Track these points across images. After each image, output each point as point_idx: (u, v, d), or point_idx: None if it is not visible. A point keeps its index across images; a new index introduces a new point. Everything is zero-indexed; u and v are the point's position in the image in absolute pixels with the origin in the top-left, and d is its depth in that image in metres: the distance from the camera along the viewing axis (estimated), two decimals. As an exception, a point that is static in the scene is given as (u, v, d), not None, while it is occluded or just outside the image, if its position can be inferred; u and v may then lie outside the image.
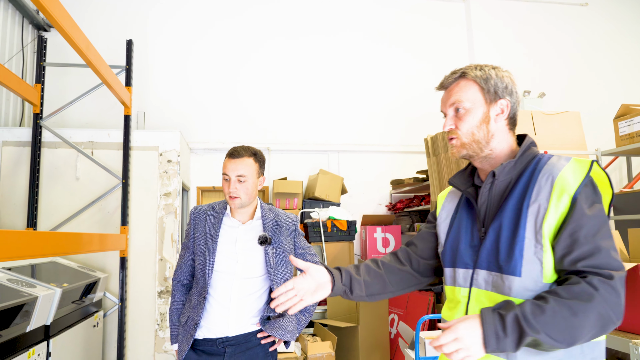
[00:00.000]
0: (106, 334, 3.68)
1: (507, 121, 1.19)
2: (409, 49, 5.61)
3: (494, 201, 1.16)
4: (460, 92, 1.20)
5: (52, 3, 2.28)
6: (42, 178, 3.72)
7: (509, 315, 0.97)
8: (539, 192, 1.08)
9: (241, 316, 1.75)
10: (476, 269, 1.15)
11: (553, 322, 0.94)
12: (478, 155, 1.19)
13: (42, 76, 3.74)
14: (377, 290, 1.30)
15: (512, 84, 1.21)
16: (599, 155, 3.09)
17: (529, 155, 1.16)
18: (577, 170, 1.07)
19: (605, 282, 0.96)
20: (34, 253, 1.98)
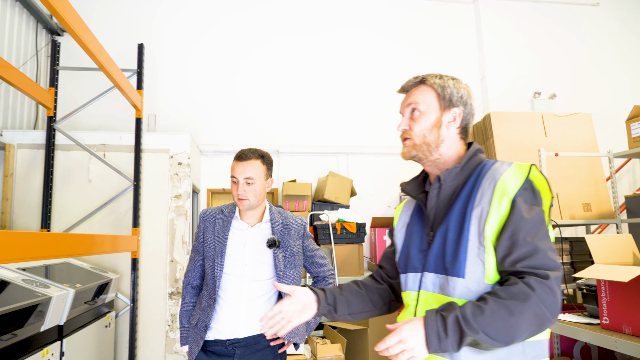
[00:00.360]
0: (118, 335, 3.72)
1: (458, 130, 1.24)
2: (419, 50, 5.60)
3: (442, 206, 1.20)
4: (418, 95, 1.26)
5: (65, 8, 2.32)
6: (56, 180, 3.78)
7: (450, 317, 1.00)
8: (482, 196, 1.11)
9: (251, 318, 1.76)
10: (424, 272, 1.18)
11: (491, 322, 0.98)
12: (427, 158, 1.23)
13: (55, 80, 3.80)
14: (359, 309, 1.35)
15: (467, 96, 1.26)
16: (611, 157, 3.06)
17: (474, 162, 1.21)
18: (517, 174, 1.11)
19: (542, 282, 1.00)
20: (48, 254, 2.01)
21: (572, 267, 2.89)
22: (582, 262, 2.90)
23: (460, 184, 1.19)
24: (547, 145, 3.07)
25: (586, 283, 2.59)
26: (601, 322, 2.34)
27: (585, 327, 2.40)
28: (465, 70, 5.63)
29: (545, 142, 3.10)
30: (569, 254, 2.89)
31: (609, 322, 2.29)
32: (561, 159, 3.06)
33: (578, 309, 2.78)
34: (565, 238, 2.88)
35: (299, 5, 5.45)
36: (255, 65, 5.27)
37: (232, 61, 5.23)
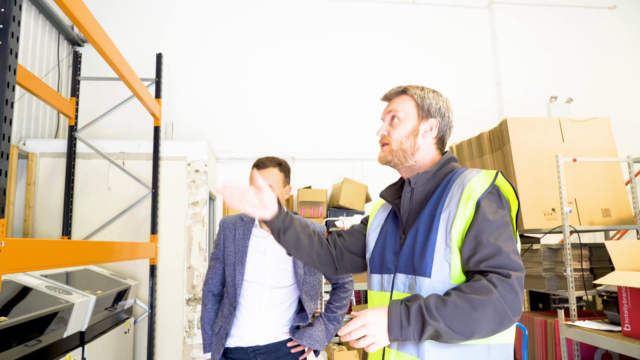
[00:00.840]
0: (136, 341, 3.77)
1: (434, 140, 1.31)
2: (434, 55, 5.61)
3: (414, 210, 1.26)
4: (398, 104, 1.33)
5: (88, 20, 2.38)
6: (76, 188, 3.86)
7: (414, 306, 1.03)
8: (451, 200, 1.17)
9: (271, 325, 1.78)
10: (396, 273, 1.22)
11: (453, 314, 1.01)
12: (402, 164, 1.30)
13: (77, 90, 3.89)
14: (303, 249, 1.39)
15: (446, 109, 1.32)
16: (630, 162, 3.02)
17: (447, 169, 1.26)
18: (484, 180, 1.17)
19: (504, 280, 1.04)
20: (69, 262, 2.06)
21: (591, 273, 2.85)
22: (602, 269, 2.86)
23: (432, 189, 1.25)
24: (565, 151, 3.05)
25: (606, 289, 2.56)
26: (622, 329, 2.31)
27: (606, 334, 2.37)
28: (481, 75, 5.61)
29: (563, 148, 3.07)
30: (588, 260, 2.85)
31: (630, 329, 2.26)
32: (579, 164, 3.03)
33: (598, 316, 2.74)
34: (585, 244, 2.85)
35: (309, 16, 5.50)
36: (270, 72, 5.32)
37: (247, 69, 5.29)
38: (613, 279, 2.27)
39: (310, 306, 1.81)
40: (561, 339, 2.69)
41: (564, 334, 2.66)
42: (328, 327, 1.87)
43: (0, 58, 1.58)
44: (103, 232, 3.82)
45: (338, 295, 1.95)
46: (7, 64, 1.60)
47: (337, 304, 1.93)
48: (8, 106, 1.61)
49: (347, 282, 1.95)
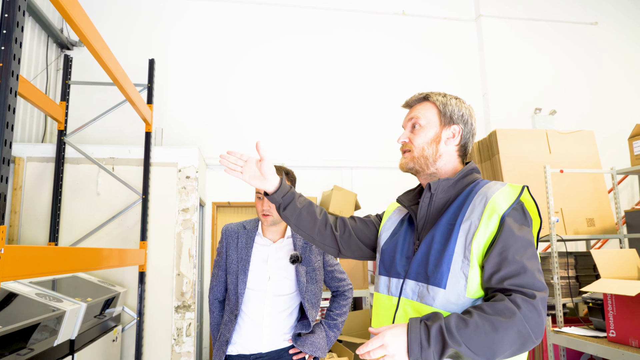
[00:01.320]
0: (123, 349, 3.72)
1: (457, 147, 1.28)
2: (422, 66, 5.71)
3: (432, 217, 1.23)
4: (420, 110, 1.31)
5: (86, 25, 2.37)
6: (64, 193, 3.80)
7: (434, 327, 1.01)
8: (473, 211, 1.14)
9: (274, 332, 1.80)
10: (406, 279, 1.20)
11: (475, 336, 0.98)
12: (424, 171, 1.28)
13: (67, 94, 3.84)
14: (304, 227, 1.40)
15: (469, 116, 1.30)
16: (614, 174, 3.13)
17: (468, 179, 1.24)
18: (509, 194, 1.14)
19: (528, 301, 1.01)
20: (68, 269, 2.04)
21: (577, 280, 2.94)
22: (587, 276, 2.95)
23: (452, 197, 1.22)
24: (551, 162, 3.14)
25: (592, 297, 2.64)
26: (608, 335, 2.39)
27: (592, 340, 2.45)
28: (468, 85, 5.73)
29: (549, 159, 3.17)
30: (574, 268, 2.94)
31: (615, 335, 2.34)
32: (565, 175, 3.13)
33: (584, 322, 2.82)
34: (570, 252, 2.94)
35: (300, 24, 5.56)
36: (260, 79, 5.35)
37: (237, 76, 5.30)
38: (599, 287, 2.35)
39: (312, 314, 1.84)
40: (549, 345, 2.76)
41: (551, 340, 2.73)
42: (329, 334, 1.89)
43: (4, 64, 1.58)
44: (91, 239, 3.77)
45: (338, 302, 1.97)
46: (10, 69, 1.60)
47: (337, 311, 1.95)
48: (10, 112, 1.61)
49: (347, 290, 1.98)
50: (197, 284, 4.15)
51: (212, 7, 5.40)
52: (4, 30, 1.58)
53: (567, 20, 6.01)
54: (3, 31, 1.57)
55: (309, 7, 5.58)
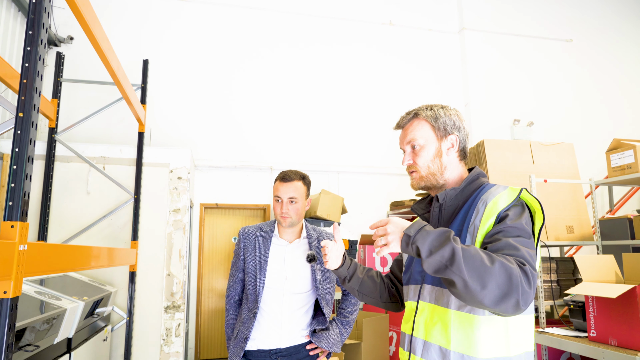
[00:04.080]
0: (112, 349, 3.70)
1: (457, 154, 1.33)
2: (410, 74, 5.89)
3: (443, 224, 1.29)
4: (414, 130, 1.34)
5: (93, 23, 2.39)
6: (54, 191, 3.76)
7: (442, 229, 1.06)
8: (476, 215, 1.20)
9: (292, 329, 1.88)
10: (423, 284, 1.26)
11: (472, 254, 1.00)
12: (435, 186, 1.32)
13: (58, 91, 3.81)
14: (367, 292, 1.50)
15: (459, 120, 1.34)
16: (592, 184, 3.34)
17: (475, 185, 1.29)
18: (508, 195, 1.19)
19: (523, 267, 1.02)
20: (76, 266, 2.05)
21: (558, 284, 3.12)
22: (567, 280, 3.14)
23: (460, 204, 1.27)
24: (535, 172, 3.33)
25: (573, 299, 2.82)
26: (589, 335, 2.56)
27: (574, 340, 2.61)
28: (451, 95, 5.94)
29: (533, 169, 3.36)
30: (555, 272, 3.12)
31: (596, 334, 2.51)
32: (547, 184, 3.32)
33: (565, 323, 3.00)
34: (552, 258, 3.12)
35: (292, 30, 5.65)
36: (252, 83, 5.40)
37: (227, 79, 5.34)
38: (581, 289, 2.52)
39: (327, 310, 1.92)
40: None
41: (535, 340, 2.90)
42: (342, 330, 1.99)
43: (30, 65, 1.60)
44: (81, 238, 3.74)
45: (349, 300, 2.07)
46: (36, 70, 1.62)
47: (349, 309, 2.05)
48: (35, 111, 1.64)
49: (357, 289, 2.07)
50: (186, 284, 4.16)
51: (204, 10, 5.42)
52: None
53: (545, 37, 6.31)
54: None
55: (299, 13, 5.68)
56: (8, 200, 1.40)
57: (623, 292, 2.29)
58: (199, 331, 5.10)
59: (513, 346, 1.14)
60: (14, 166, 1.45)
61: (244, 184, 5.20)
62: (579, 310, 2.77)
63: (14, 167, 1.44)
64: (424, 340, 1.23)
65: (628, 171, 3.08)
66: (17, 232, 1.36)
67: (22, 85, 1.51)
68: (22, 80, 1.52)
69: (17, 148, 1.46)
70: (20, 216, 1.39)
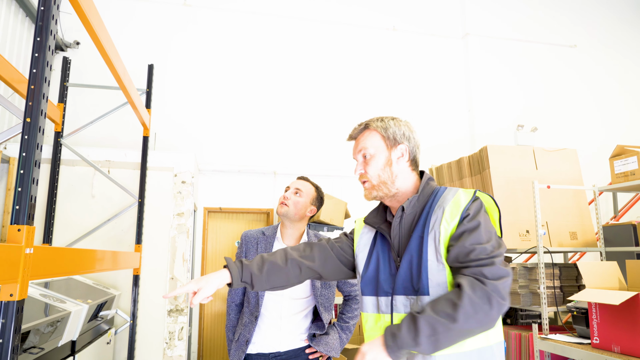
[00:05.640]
0: (116, 351, 3.71)
1: (408, 163, 1.37)
2: (413, 79, 5.90)
3: (404, 233, 1.31)
4: (365, 140, 1.38)
5: (101, 32, 2.42)
6: (59, 195, 3.79)
7: (405, 317, 1.14)
8: (435, 221, 1.24)
9: (291, 333, 1.89)
10: (394, 295, 1.26)
11: (441, 304, 1.11)
12: (387, 195, 1.34)
13: (64, 96, 3.85)
14: (281, 284, 1.44)
15: (409, 131, 1.38)
16: (596, 190, 3.34)
17: (428, 190, 1.33)
18: (463, 196, 1.26)
19: (479, 286, 1.12)
20: (82, 269, 2.07)
21: (561, 291, 3.11)
22: (570, 287, 3.13)
23: (418, 211, 1.31)
24: (538, 178, 3.33)
25: (576, 306, 2.82)
26: (592, 342, 2.55)
27: (577, 347, 2.61)
28: (455, 101, 5.95)
29: (536, 175, 3.35)
30: (558, 278, 3.11)
31: (599, 341, 2.50)
32: (550, 190, 3.31)
33: (568, 330, 2.99)
34: (555, 264, 3.11)
35: (295, 36, 5.68)
36: (255, 89, 5.43)
37: (232, 84, 5.37)
38: (585, 296, 2.51)
39: (325, 316, 1.94)
40: (535, 351, 2.91)
41: (538, 346, 2.89)
42: (341, 335, 2.00)
43: (38, 71, 1.62)
44: (85, 241, 3.76)
45: (350, 306, 2.08)
46: (44, 76, 1.65)
47: (349, 314, 2.06)
48: (42, 116, 1.66)
49: (358, 295, 2.08)
50: (189, 288, 4.16)
51: (209, 15, 5.47)
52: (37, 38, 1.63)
53: (548, 42, 6.32)
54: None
55: (303, 19, 5.71)
56: (15, 204, 1.42)
57: (626, 298, 2.28)
58: (202, 335, 5.11)
59: (492, 336, 1.21)
60: (21, 170, 1.48)
61: (247, 189, 5.22)
62: (582, 317, 2.76)
63: (21, 172, 1.47)
64: None
65: (632, 177, 3.07)
66: (23, 236, 1.38)
67: (30, 91, 1.53)
68: (29, 86, 1.54)
69: (25, 153, 1.48)
70: (27, 220, 1.41)
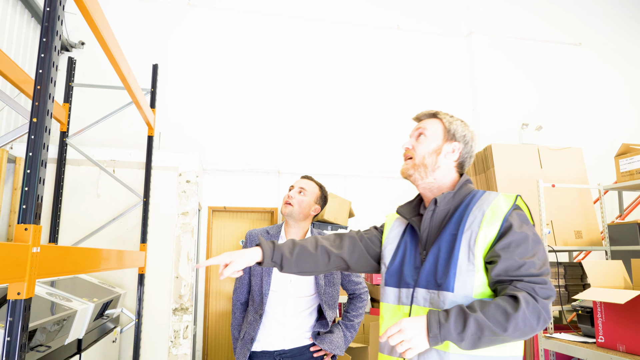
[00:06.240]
0: (121, 350, 3.73)
1: (455, 163, 1.38)
2: (417, 78, 5.89)
3: (434, 228, 1.32)
4: (427, 123, 1.42)
5: (106, 32, 2.44)
6: (64, 194, 3.82)
7: (453, 308, 1.13)
8: (473, 222, 1.24)
9: (296, 331, 1.90)
10: (416, 287, 1.27)
11: (493, 310, 1.11)
12: (422, 179, 1.36)
13: (70, 96, 3.87)
14: (308, 269, 1.46)
15: (470, 138, 1.41)
16: (601, 189, 3.32)
17: (465, 191, 1.34)
18: (505, 200, 1.26)
19: (530, 301, 1.13)
20: (87, 268, 2.09)
21: (566, 289, 3.10)
22: (575, 286, 3.12)
23: (452, 209, 1.32)
24: (543, 176, 3.32)
25: (581, 305, 2.81)
26: (597, 341, 2.54)
27: (582, 346, 2.60)
28: (459, 99, 5.93)
29: (540, 174, 3.35)
30: (563, 277, 3.11)
31: (604, 340, 2.50)
32: (555, 189, 3.30)
33: (573, 329, 2.99)
34: (560, 263, 3.11)
35: (299, 34, 5.68)
36: (258, 88, 5.44)
37: (236, 83, 5.38)
38: (590, 295, 2.50)
39: (329, 314, 1.94)
40: (540, 350, 2.91)
41: (543, 345, 2.88)
42: (346, 334, 2.00)
43: (44, 71, 1.63)
44: (90, 240, 3.79)
45: (355, 304, 2.08)
46: (49, 76, 1.66)
47: (354, 312, 2.06)
48: (48, 116, 1.67)
49: (362, 293, 2.09)
50: (194, 287, 4.19)
51: (212, 15, 5.48)
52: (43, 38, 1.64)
53: (553, 41, 6.29)
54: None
55: (306, 18, 5.71)
56: (22, 203, 1.43)
57: (632, 297, 2.27)
58: (207, 333, 5.13)
59: (513, 348, 1.22)
60: (27, 170, 1.49)
61: (251, 188, 5.23)
62: (587, 316, 2.75)
63: (28, 171, 1.48)
64: None
65: (637, 176, 3.06)
66: (30, 235, 1.39)
67: (36, 91, 1.54)
68: (36, 86, 1.55)
69: (31, 152, 1.50)
70: (34, 219, 1.42)
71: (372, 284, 4.89)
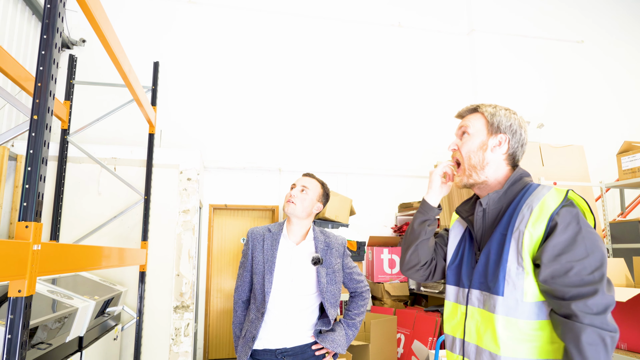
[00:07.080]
0: (122, 348, 3.74)
1: (505, 155, 1.31)
2: (419, 75, 5.87)
3: (488, 227, 1.29)
4: (469, 120, 1.37)
5: (107, 30, 2.43)
6: (65, 192, 3.82)
7: None
8: (521, 221, 1.18)
9: (297, 329, 1.89)
10: (471, 288, 1.27)
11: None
12: (476, 182, 1.32)
13: (71, 93, 3.86)
14: (422, 252, 1.44)
15: (518, 126, 1.32)
16: (603, 187, 3.31)
17: (519, 185, 1.27)
18: (556, 196, 1.17)
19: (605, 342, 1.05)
20: (89, 265, 2.09)
21: (567, 288, 3.10)
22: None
23: (504, 206, 1.26)
24: (545, 174, 3.31)
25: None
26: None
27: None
28: (461, 96, 5.92)
29: (543, 171, 3.33)
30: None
31: (606, 339, 2.49)
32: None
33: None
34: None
35: (301, 32, 5.67)
36: (259, 85, 5.43)
37: (237, 81, 5.38)
38: (591, 293, 2.49)
39: (331, 312, 1.94)
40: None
41: (544, 343, 2.88)
42: (347, 332, 2.00)
43: (45, 68, 1.63)
44: (92, 237, 3.79)
45: (356, 303, 2.08)
46: (50, 73, 1.65)
47: (356, 311, 2.06)
48: (49, 114, 1.66)
49: (364, 291, 2.09)
50: (195, 284, 4.19)
51: (213, 12, 5.46)
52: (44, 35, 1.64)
53: (555, 38, 6.26)
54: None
55: (308, 16, 5.70)
56: (23, 201, 1.43)
57: (633, 295, 2.27)
58: (208, 331, 5.13)
59: (557, 350, 1.15)
60: (28, 168, 1.48)
61: (252, 185, 5.23)
62: (589, 314, 2.74)
63: (29, 169, 1.47)
64: (477, 345, 1.23)
65: (639, 174, 3.05)
66: (31, 233, 1.39)
67: (37, 88, 1.54)
68: (36, 83, 1.55)
69: (32, 150, 1.49)
70: (35, 217, 1.42)
71: (374, 282, 4.89)
